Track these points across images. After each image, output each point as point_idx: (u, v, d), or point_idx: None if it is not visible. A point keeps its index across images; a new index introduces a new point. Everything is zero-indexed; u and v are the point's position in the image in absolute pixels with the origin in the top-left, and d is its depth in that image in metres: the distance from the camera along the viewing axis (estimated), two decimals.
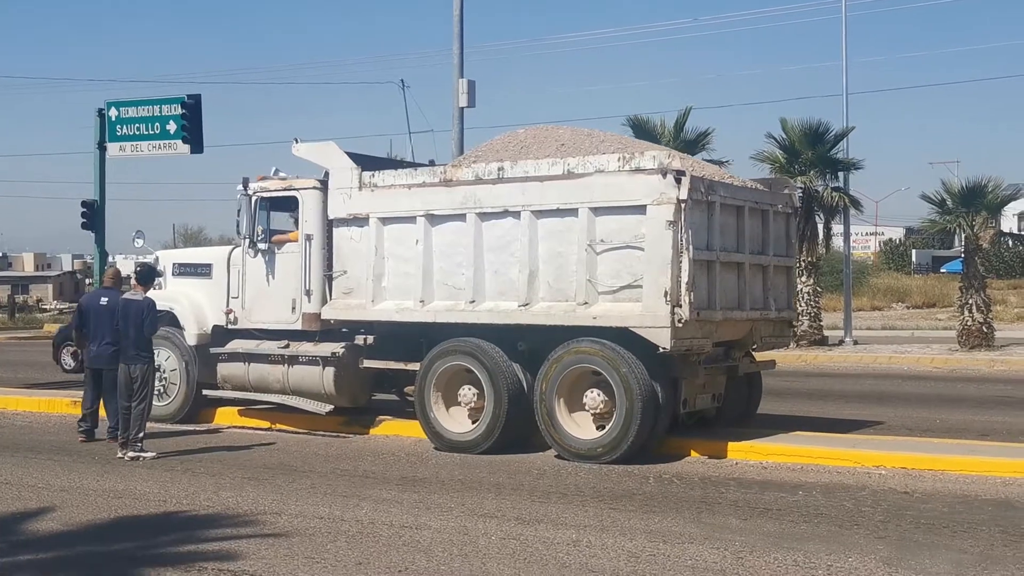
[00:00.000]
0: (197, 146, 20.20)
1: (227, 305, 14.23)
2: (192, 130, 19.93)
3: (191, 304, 14.55)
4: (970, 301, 26.45)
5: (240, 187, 13.94)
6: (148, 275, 12.92)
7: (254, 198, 13.91)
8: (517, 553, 7.79)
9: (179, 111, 19.84)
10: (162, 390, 14.41)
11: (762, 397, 13.79)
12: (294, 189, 13.75)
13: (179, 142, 19.97)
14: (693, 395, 12.04)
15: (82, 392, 13.89)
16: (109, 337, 12.81)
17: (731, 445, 11.79)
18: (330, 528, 8.57)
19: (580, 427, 11.66)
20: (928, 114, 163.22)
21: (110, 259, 27.14)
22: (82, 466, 11.61)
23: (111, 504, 9.61)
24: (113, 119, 20.31)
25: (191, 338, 14.42)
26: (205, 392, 14.48)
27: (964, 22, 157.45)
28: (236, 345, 14.08)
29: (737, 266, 12.12)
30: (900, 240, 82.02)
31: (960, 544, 8.05)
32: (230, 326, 14.21)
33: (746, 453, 11.65)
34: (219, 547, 8.01)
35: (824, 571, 7.32)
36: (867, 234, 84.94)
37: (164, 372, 14.41)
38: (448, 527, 8.58)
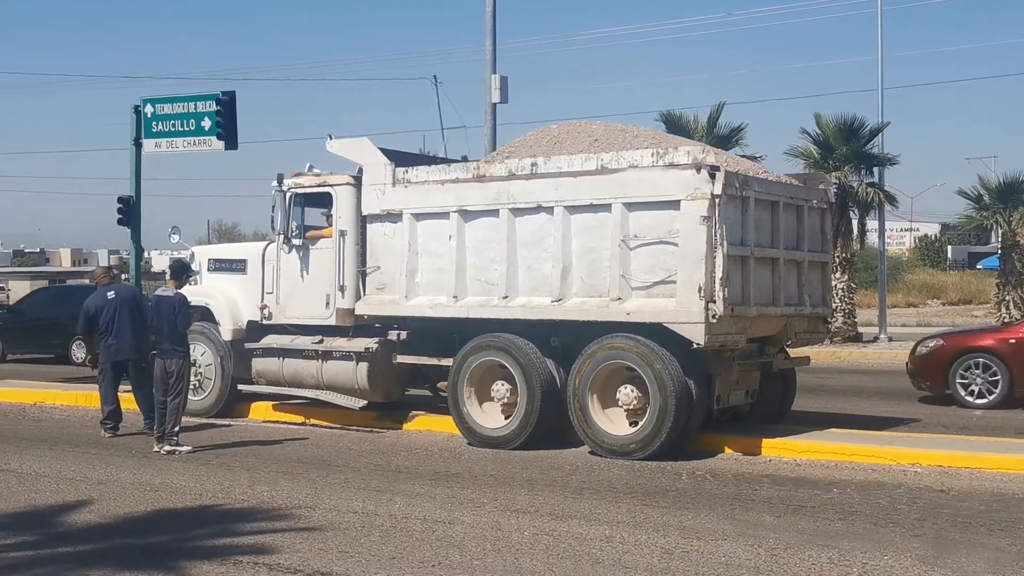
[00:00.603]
0: (232, 142, 20.23)
1: (261, 300, 14.30)
2: (227, 126, 19.97)
3: (226, 299, 14.65)
4: (1007, 297, 26.22)
5: (275, 183, 14.02)
6: (179, 271, 13.06)
7: (288, 194, 13.99)
8: (550, 549, 7.79)
9: (214, 107, 19.88)
10: (197, 385, 14.54)
11: (796, 394, 13.72)
12: (328, 185, 13.81)
13: (214, 138, 20.00)
14: (727, 391, 12.02)
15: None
16: (127, 329, 13.03)
17: (765, 442, 11.74)
18: (364, 522, 8.61)
19: (613, 423, 11.64)
20: (964, 109, 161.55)
21: (146, 254, 27.34)
22: (119, 459, 11.73)
23: (147, 497, 9.71)
24: (149, 116, 20.41)
25: (226, 333, 14.54)
26: (240, 387, 14.59)
27: (1001, 17, 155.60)
28: (270, 340, 14.15)
29: (771, 262, 12.06)
30: (935, 236, 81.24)
31: (997, 542, 7.98)
32: (264, 321, 14.30)
33: (780, 450, 11.59)
34: (254, 541, 8.08)
35: (859, 569, 7.28)
36: (902, 230, 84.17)
37: (199, 367, 14.53)
38: (481, 522, 8.60)
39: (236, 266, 14.86)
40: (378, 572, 7.22)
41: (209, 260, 15.27)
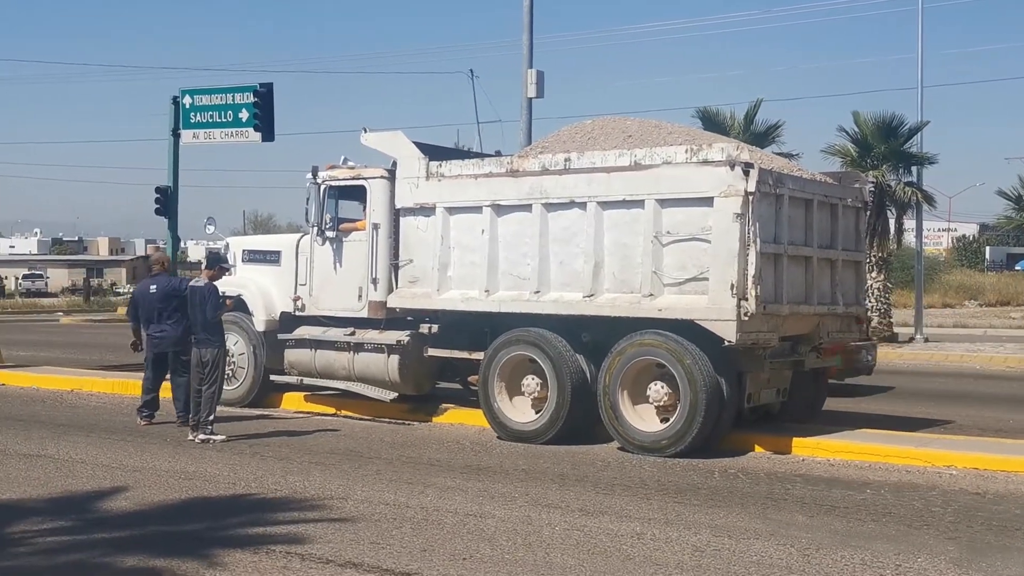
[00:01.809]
0: (268, 134, 20.36)
1: (295, 292, 14.38)
2: (264, 118, 20.10)
3: (259, 290, 14.74)
4: None
5: (309, 175, 14.08)
6: (211, 262, 13.21)
7: (323, 186, 14.03)
8: (581, 544, 7.80)
9: (251, 99, 20.01)
10: (230, 374, 14.64)
11: (828, 393, 13.60)
12: (362, 178, 13.84)
13: (251, 130, 20.14)
14: (758, 389, 11.94)
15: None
16: (166, 322, 13.13)
17: (797, 441, 11.67)
18: (395, 514, 8.64)
19: (643, 419, 11.61)
20: (1005, 108, 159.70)
21: (182, 244, 27.55)
22: (154, 447, 11.84)
23: (182, 485, 9.80)
24: (187, 107, 20.57)
25: (259, 324, 14.62)
26: (272, 377, 14.67)
27: None
28: (303, 332, 14.22)
29: (805, 260, 11.96)
30: (974, 236, 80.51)
31: None
32: (297, 313, 14.36)
33: (812, 450, 11.52)
34: (287, 530, 8.13)
35: (892, 571, 7.23)
36: (940, 230, 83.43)
37: (233, 356, 14.63)
38: (512, 516, 8.61)
39: (270, 257, 14.96)
40: (409, 564, 7.25)
41: (244, 251, 15.38)
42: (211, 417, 12.31)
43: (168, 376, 13.66)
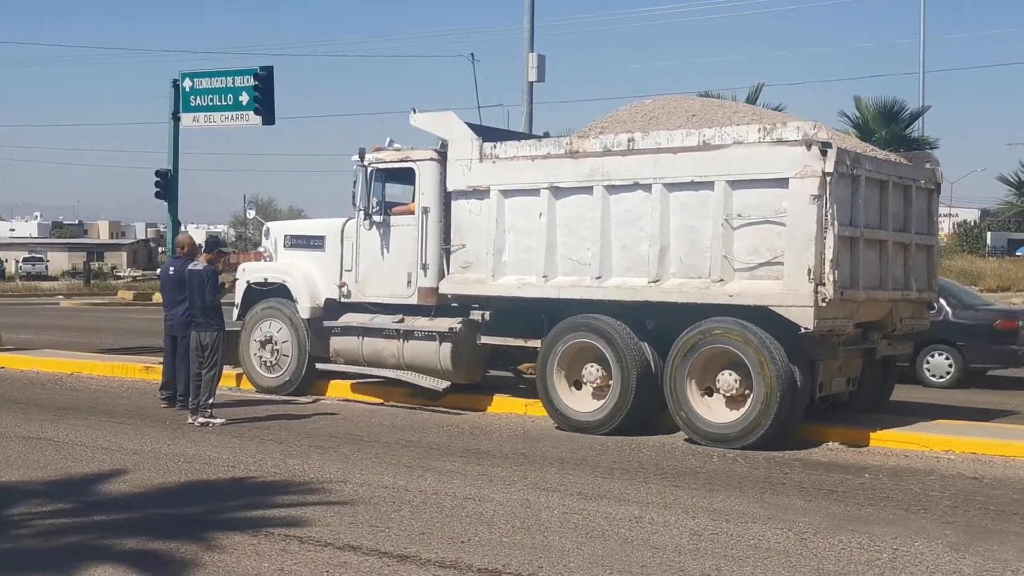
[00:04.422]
0: (269, 118, 20.27)
1: (340, 278, 14.07)
2: (264, 102, 20.01)
3: (304, 277, 14.40)
4: None
5: (356, 158, 13.74)
6: (210, 246, 13.16)
7: (369, 169, 13.68)
8: (579, 528, 7.81)
9: (251, 82, 19.92)
10: (274, 362, 14.52)
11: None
12: (410, 160, 13.49)
13: (251, 113, 20.06)
14: (830, 378, 11.62)
15: (153, 358, 14.11)
16: (179, 307, 13.06)
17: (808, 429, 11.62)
18: (394, 497, 8.66)
19: (712, 410, 11.28)
20: (1007, 94, 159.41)
21: (182, 228, 27.49)
22: (154, 430, 11.86)
23: (181, 468, 9.82)
24: (187, 90, 20.50)
25: (304, 311, 14.27)
26: (317, 365, 14.36)
27: None
28: (349, 319, 13.89)
29: (879, 243, 11.64)
30: (975, 222, 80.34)
31: None
32: (343, 299, 14.04)
33: (811, 434, 11.51)
34: (286, 513, 8.15)
35: (889, 555, 7.25)
36: (941, 215, 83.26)
37: (276, 344, 14.46)
38: (511, 500, 8.63)
39: (314, 243, 14.58)
40: (408, 547, 7.27)
41: (286, 236, 15.02)
42: (210, 400, 12.32)
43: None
